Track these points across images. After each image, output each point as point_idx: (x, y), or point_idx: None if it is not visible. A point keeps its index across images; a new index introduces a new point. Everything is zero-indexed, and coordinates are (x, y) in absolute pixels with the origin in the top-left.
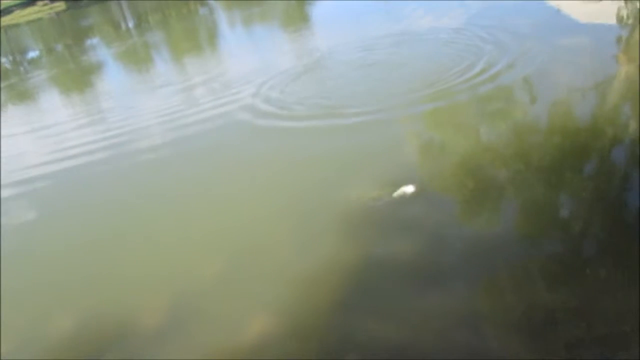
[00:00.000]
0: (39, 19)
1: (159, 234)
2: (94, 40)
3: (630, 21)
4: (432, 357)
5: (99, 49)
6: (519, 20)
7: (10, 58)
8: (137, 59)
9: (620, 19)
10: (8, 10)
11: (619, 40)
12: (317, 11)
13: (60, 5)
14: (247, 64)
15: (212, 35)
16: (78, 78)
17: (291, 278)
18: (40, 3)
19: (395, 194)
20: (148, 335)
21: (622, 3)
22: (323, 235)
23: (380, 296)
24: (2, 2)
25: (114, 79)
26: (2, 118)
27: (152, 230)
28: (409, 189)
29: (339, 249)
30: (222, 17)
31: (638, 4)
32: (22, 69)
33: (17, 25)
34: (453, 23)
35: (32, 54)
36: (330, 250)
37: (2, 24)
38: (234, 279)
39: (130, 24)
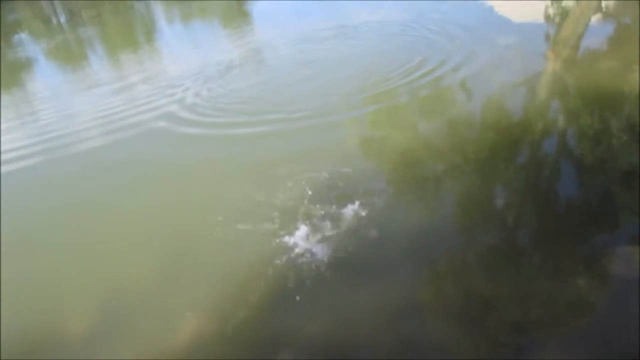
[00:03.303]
0: None
1: (86, 240)
2: (22, 36)
3: (557, 20)
4: (371, 348)
5: (27, 45)
6: (455, 18)
7: None
8: (69, 56)
9: (547, 17)
10: None
11: (547, 38)
12: (257, 7)
13: None
14: (184, 61)
15: (149, 32)
16: (2, 76)
17: (223, 279)
18: None
19: None
20: (78, 339)
21: (549, 2)
22: (252, 237)
23: (317, 292)
24: None
25: (42, 78)
26: None
27: (79, 236)
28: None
29: (270, 249)
30: (160, 13)
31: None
32: None
33: None
34: (392, 20)
35: None
36: (261, 251)
37: None
38: (162, 282)
39: (62, 19)
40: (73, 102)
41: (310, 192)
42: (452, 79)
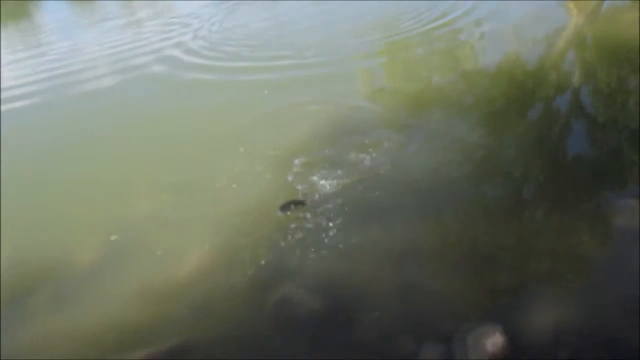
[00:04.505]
0: None
1: (93, 177)
2: None
3: None
4: (373, 287)
5: None
6: None
7: None
8: None
9: None
10: None
11: None
12: None
13: None
14: None
15: None
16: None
17: (229, 217)
18: None
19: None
20: (83, 270)
21: None
22: (259, 176)
23: (323, 231)
24: None
25: (49, 10)
26: None
27: (85, 173)
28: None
29: (277, 188)
30: None
31: None
32: None
33: None
34: None
35: None
36: (268, 190)
37: None
38: (167, 218)
39: None
40: (80, 36)
41: (321, 135)
42: (469, 28)
